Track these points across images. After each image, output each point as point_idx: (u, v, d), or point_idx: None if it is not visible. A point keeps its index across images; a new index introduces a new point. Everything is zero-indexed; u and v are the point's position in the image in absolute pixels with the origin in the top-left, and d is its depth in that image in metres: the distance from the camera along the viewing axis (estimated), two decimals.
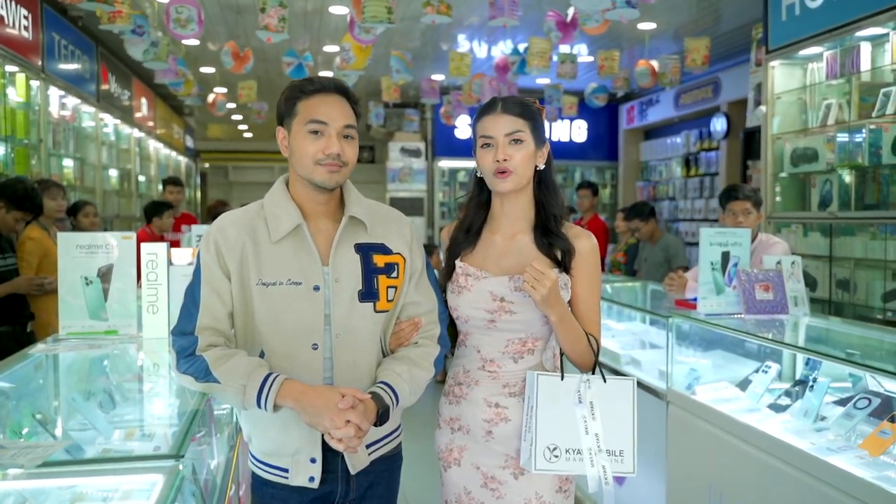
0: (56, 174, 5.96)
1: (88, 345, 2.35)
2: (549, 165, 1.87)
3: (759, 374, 2.87)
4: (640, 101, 10.39)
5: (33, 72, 5.35)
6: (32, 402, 2.05)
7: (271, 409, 1.54)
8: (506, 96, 1.87)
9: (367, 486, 1.76)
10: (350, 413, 1.50)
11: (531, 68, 5.53)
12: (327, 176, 1.63)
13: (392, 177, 10.64)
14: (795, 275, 3.06)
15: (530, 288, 1.66)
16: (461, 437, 1.88)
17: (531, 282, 1.66)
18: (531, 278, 1.66)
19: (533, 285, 1.66)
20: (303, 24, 6.75)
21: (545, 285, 1.66)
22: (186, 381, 1.62)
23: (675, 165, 9.83)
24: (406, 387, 1.67)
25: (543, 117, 1.87)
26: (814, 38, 4.48)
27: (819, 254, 4.68)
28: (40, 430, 1.77)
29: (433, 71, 8.48)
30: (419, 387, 1.71)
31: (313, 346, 1.64)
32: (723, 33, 7.09)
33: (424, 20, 4.39)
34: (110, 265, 2.44)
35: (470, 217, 1.91)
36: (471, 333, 1.86)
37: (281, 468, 1.68)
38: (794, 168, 4.82)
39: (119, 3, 4.24)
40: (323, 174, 1.63)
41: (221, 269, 1.63)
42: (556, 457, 1.74)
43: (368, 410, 1.55)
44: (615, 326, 4.33)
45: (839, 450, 2.28)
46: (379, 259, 1.71)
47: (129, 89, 8.56)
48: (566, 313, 1.75)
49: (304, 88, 1.64)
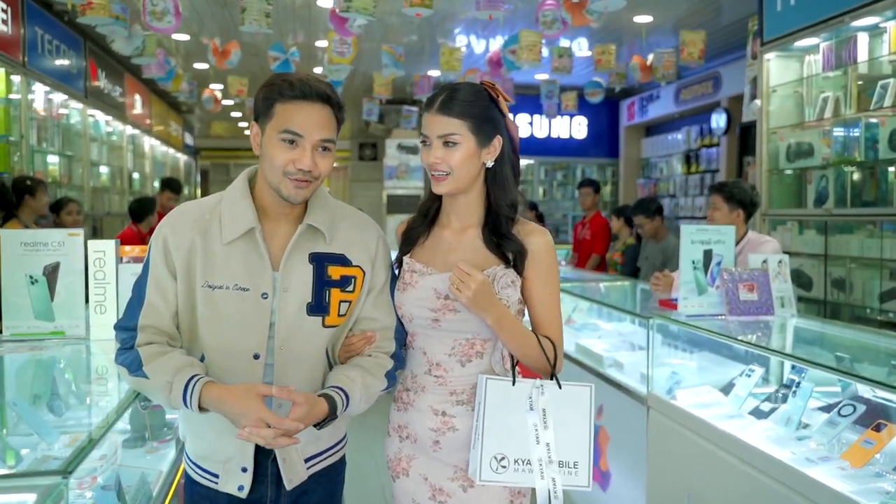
0: (40, 171, 5.89)
1: (30, 346, 2.26)
2: (500, 161, 1.72)
3: (742, 378, 2.74)
4: (641, 97, 10.24)
5: (13, 66, 5.26)
6: None
7: (196, 409, 1.47)
8: (453, 87, 1.71)
9: (301, 493, 1.66)
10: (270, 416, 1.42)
11: (521, 62, 5.40)
12: (294, 191, 1.53)
13: (389, 174, 10.54)
14: (782, 274, 2.93)
15: (455, 290, 1.56)
16: (409, 445, 1.78)
17: (456, 283, 1.55)
18: (456, 279, 1.55)
19: (458, 287, 1.55)
20: (291, 18, 6.65)
21: (470, 287, 1.54)
22: (121, 374, 1.57)
23: (675, 162, 9.69)
24: (358, 393, 1.58)
25: (502, 105, 1.72)
26: (809, 28, 4.33)
27: (814, 252, 4.54)
28: None
29: (430, 66, 8.36)
30: (371, 395, 1.63)
31: (255, 356, 1.56)
32: (723, 27, 6.95)
33: (406, 12, 4.26)
34: (57, 263, 2.34)
35: (427, 203, 1.81)
36: (417, 334, 1.75)
37: (211, 472, 1.62)
38: (789, 163, 4.68)
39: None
40: (290, 188, 1.53)
41: (168, 267, 1.56)
42: (504, 467, 1.63)
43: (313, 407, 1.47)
44: (604, 327, 4.22)
45: (820, 460, 2.16)
46: (334, 271, 1.62)
47: (120, 85, 8.48)
48: (504, 316, 1.63)
49: (283, 91, 1.52)
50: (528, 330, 1.69)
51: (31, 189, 4.41)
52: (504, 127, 1.73)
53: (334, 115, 1.56)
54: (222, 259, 1.55)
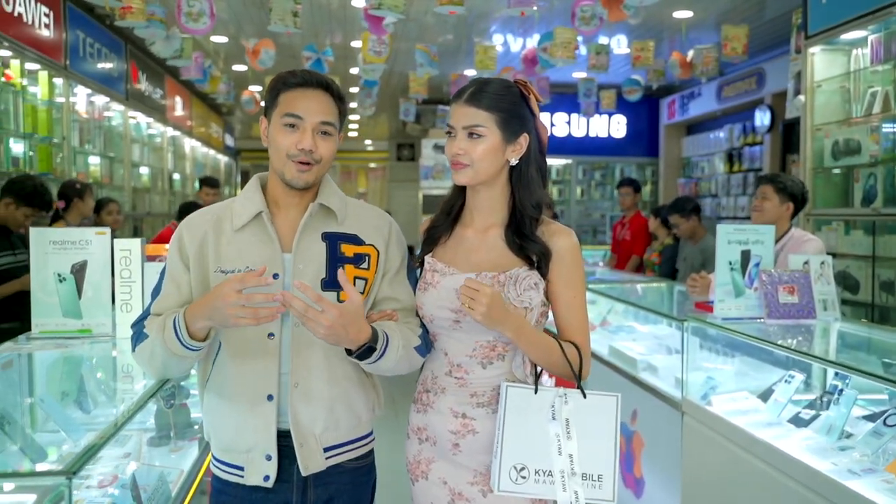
0: (82, 172, 6.02)
1: (57, 344, 2.28)
2: (526, 160, 1.68)
3: (782, 384, 2.63)
4: (682, 95, 10.03)
5: (56, 70, 5.38)
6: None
7: (186, 335, 1.49)
8: (485, 80, 1.69)
9: (327, 499, 1.65)
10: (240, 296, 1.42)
11: (556, 59, 5.31)
12: (296, 174, 1.59)
13: (425, 174, 10.53)
14: (825, 276, 2.81)
15: (468, 308, 1.52)
16: (428, 448, 1.74)
17: (467, 301, 1.52)
18: (466, 297, 1.52)
19: (470, 305, 1.51)
20: (328, 18, 6.67)
21: (482, 302, 1.50)
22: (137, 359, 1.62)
23: (717, 161, 9.47)
24: (398, 337, 1.57)
25: (532, 105, 1.70)
26: (856, 20, 4.16)
27: (862, 253, 4.35)
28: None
29: (466, 66, 8.32)
30: (409, 347, 1.60)
31: (269, 335, 1.58)
32: (767, 21, 6.76)
33: (439, 11, 4.23)
34: (84, 261, 2.36)
35: (451, 200, 1.78)
36: (438, 335, 1.72)
37: (236, 466, 1.62)
38: (835, 161, 4.50)
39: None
40: (293, 171, 1.59)
41: (182, 259, 1.63)
42: (524, 478, 1.58)
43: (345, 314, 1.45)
44: (639, 329, 4.12)
45: (863, 472, 2.04)
46: (347, 249, 1.64)
47: (161, 88, 8.63)
48: (522, 326, 1.59)
49: (286, 81, 1.62)
50: (550, 338, 1.64)
51: (80, 192, 4.50)
52: (533, 127, 1.70)
53: (335, 103, 1.63)
54: (233, 245, 1.61)
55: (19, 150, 4.84)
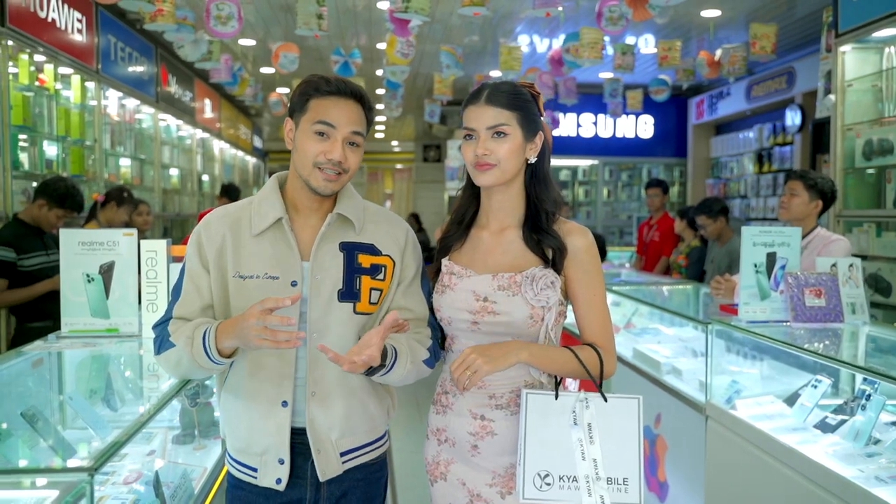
0: (113, 174, 6.13)
1: (85, 343, 2.32)
2: (542, 158, 1.71)
3: (808, 389, 2.59)
4: (710, 94, 9.91)
5: (88, 73, 5.49)
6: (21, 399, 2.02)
7: (214, 351, 1.51)
8: (495, 83, 1.71)
9: (340, 496, 1.67)
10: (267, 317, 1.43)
11: (582, 60, 5.28)
12: (323, 183, 1.59)
13: (451, 175, 10.53)
14: (854, 279, 2.76)
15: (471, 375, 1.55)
16: (447, 449, 1.75)
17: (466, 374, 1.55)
18: (461, 373, 1.55)
19: (470, 375, 1.55)
20: (353, 21, 6.71)
21: (476, 362, 1.55)
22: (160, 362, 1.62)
23: (746, 161, 9.33)
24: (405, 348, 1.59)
25: (540, 105, 1.73)
26: (889, 17, 4.07)
27: (894, 256, 4.26)
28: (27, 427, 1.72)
29: (492, 67, 8.31)
30: (417, 359, 1.62)
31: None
32: (797, 19, 6.65)
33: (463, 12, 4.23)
34: (112, 262, 2.40)
35: (463, 208, 1.79)
36: (456, 337, 1.73)
37: (250, 467, 1.64)
38: (866, 161, 4.41)
39: (160, 1, 4.27)
40: (319, 180, 1.59)
41: (201, 261, 1.63)
42: (549, 484, 1.57)
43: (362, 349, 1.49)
44: (665, 332, 4.08)
45: (891, 479, 2.01)
46: (364, 259, 1.65)
47: (191, 90, 8.76)
48: (529, 347, 1.61)
49: (319, 87, 1.61)
50: (566, 350, 1.64)
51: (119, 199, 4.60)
52: (541, 126, 1.73)
53: (365, 113, 1.64)
54: (252, 250, 1.61)
55: (53, 153, 4.95)
